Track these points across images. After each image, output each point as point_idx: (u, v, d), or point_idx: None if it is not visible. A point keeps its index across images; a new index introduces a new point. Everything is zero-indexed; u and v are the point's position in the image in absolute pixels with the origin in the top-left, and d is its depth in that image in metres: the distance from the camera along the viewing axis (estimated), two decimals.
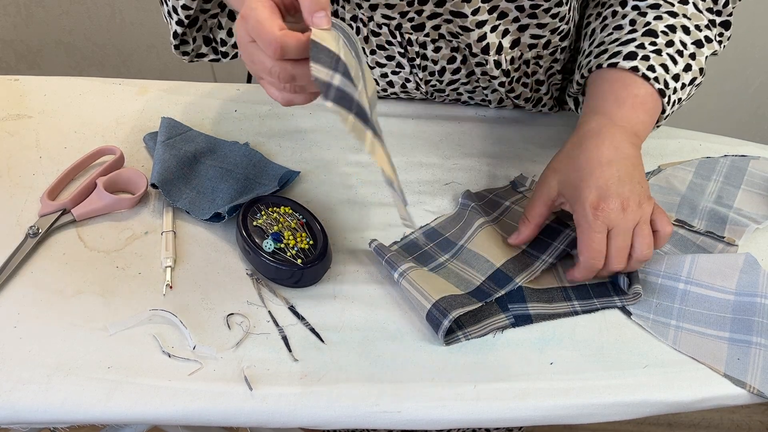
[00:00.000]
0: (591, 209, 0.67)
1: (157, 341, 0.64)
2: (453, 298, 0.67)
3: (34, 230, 0.71)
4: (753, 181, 0.86)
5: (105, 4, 1.53)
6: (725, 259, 0.73)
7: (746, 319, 0.69)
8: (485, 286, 0.71)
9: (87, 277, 0.69)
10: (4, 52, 1.60)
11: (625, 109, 0.72)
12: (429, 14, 0.80)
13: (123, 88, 0.91)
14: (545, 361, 0.66)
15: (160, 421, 0.61)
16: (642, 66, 0.73)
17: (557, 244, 0.74)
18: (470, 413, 0.62)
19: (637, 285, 0.71)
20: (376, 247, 0.72)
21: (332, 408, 0.61)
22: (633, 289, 0.70)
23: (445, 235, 0.77)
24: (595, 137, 0.70)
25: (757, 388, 0.65)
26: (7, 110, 0.86)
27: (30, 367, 0.61)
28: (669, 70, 0.73)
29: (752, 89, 1.82)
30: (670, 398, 0.65)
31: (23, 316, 0.65)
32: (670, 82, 0.73)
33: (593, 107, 0.74)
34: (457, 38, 0.82)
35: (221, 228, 0.75)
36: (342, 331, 0.67)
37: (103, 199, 0.74)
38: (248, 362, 0.63)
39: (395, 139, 0.90)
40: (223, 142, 0.84)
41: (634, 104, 0.72)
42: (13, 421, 0.59)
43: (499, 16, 0.79)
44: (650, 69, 0.73)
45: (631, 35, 0.75)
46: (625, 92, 0.73)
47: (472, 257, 0.74)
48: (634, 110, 0.72)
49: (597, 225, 0.67)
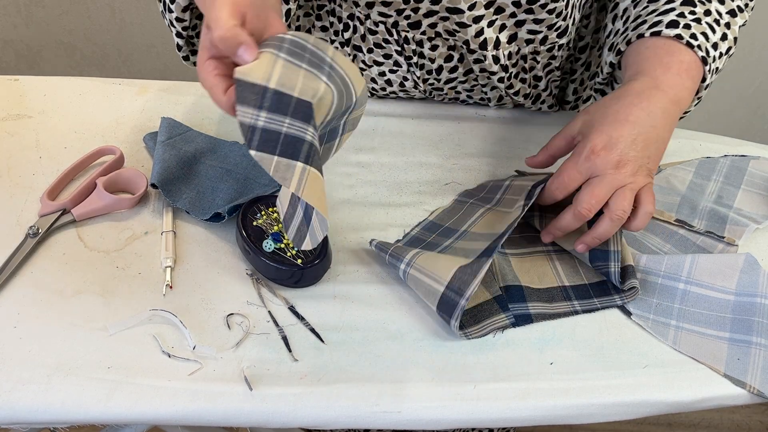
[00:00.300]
0: (589, 150, 0.67)
1: (157, 341, 0.64)
2: (462, 270, 0.65)
3: (34, 230, 0.71)
4: (753, 181, 0.86)
5: (105, 4, 1.53)
6: (725, 259, 0.73)
7: (746, 319, 0.69)
8: (491, 245, 0.69)
9: (87, 277, 0.69)
10: (4, 52, 1.60)
11: (671, 74, 0.72)
12: (425, 12, 0.80)
13: (123, 88, 0.91)
14: (545, 361, 0.66)
15: (160, 421, 0.61)
16: (685, 34, 0.73)
17: (521, 201, 0.72)
18: (470, 413, 0.62)
19: (633, 279, 0.70)
20: (378, 244, 0.72)
21: (332, 408, 0.61)
22: (629, 283, 0.70)
23: (446, 225, 0.77)
24: (634, 95, 0.70)
25: (757, 388, 0.65)
26: (7, 110, 0.86)
27: (30, 367, 0.61)
28: (709, 39, 0.74)
29: (752, 89, 1.82)
30: (670, 398, 0.65)
31: (23, 316, 0.65)
32: (710, 50, 0.74)
33: (638, 70, 0.73)
34: (453, 36, 0.82)
35: (221, 228, 0.75)
36: (342, 331, 0.67)
37: (103, 199, 0.74)
38: (248, 362, 0.63)
39: (395, 139, 0.90)
40: (223, 142, 0.84)
41: (679, 70, 0.72)
42: (13, 421, 0.59)
43: (495, 11, 0.79)
44: (693, 37, 0.73)
45: (669, 5, 0.76)
46: (671, 58, 0.72)
47: (477, 236, 0.74)
48: (680, 76, 0.72)
49: (582, 164, 0.67)
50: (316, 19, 0.88)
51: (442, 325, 0.68)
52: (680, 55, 0.73)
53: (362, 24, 0.84)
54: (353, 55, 0.89)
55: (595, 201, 0.67)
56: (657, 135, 0.69)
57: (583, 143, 0.69)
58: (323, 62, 0.61)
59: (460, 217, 0.78)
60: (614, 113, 0.69)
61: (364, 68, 0.89)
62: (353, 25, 0.85)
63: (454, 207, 0.80)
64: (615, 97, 0.71)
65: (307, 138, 0.57)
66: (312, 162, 0.57)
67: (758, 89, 1.82)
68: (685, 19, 0.74)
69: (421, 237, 0.76)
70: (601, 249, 0.71)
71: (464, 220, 0.77)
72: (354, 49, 0.88)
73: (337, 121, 0.65)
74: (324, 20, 0.87)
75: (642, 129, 0.68)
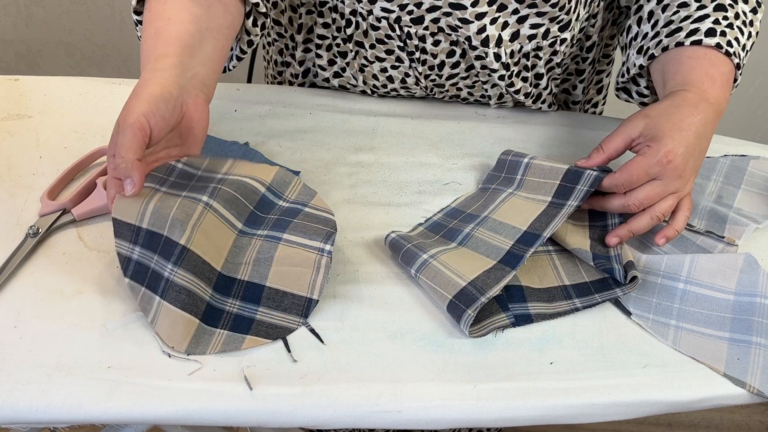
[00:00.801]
0: (664, 153, 0.69)
1: (157, 341, 0.64)
2: (487, 273, 0.68)
3: (34, 230, 0.71)
4: (753, 180, 0.86)
5: (105, 4, 1.53)
6: (725, 259, 0.73)
7: (746, 319, 0.69)
8: (515, 249, 0.71)
9: (87, 277, 0.69)
10: (4, 52, 1.60)
11: (717, 87, 0.74)
12: (428, 7, 0.80)
13: (123, 88, 0.91)
14: (545, 361, 0.66)
15: (160, 421, 0.61)
16: (723, 42, 0.75)
17: (580, 186, 0.73)
18: (470, 413, 0.62)
19: (634, 270, 0.71)
20: (393, 240, 0.73)
21: (332, 408, 0.61)
22: (631, 274, 0.70)
23: (467, 212, 0.78)
24: (692, 107, 0.72)
25: (757, 388, 0.65)
26: (7, 110, 0.86)
27: (30, 367, 0.61)
28: (740, 42, 0.77)
29: (752, 89, 1.82)
30: (670, 398, 0.65)
31: (23, 316, 0.65)
32: (741, 53, 0.77)
33: (686, 81, 0.75)
34: (456, 31, 0.82)
35: None
36: (342, 331, 0.67)
37: (103, 198, 0.74)
38: (248, 362, 0.63)
39: (395, 138, 0.90)
40: (222, 142, 0.84)
41: (722, 83, 0.75)
42: (13, 421, 0.59)
43: (498, 8, 0.80)
44: (729, 44, 0.75)
45: (702, 11, 0.77)
46: (714, 70, 0.75)
47: (498, 225, 0.75)
48: (723, 89, 0.75)
49: (653, 167, 0.69)
50: (318, 16, 0.88)
51: (442, 325, 0.68)
52: (722, 66, 0.75)
53: (365, 20, 0.84)
54: (355, 51, 0.89)
55: (648, 202, 0.71)
56: (704, 147, 0.73)
57: (655, 147, 0.70)
58: (211, 181, 0.70)
59: (483, 203, 0.78)
60: (678, 122, 0.71)
61: (366, 65, 0.90)
62: (355, 21, 0.85)
63: (477, 194, 0.81)
64: (674, 105, 0.72)
65: (164, 274, 0.64)
66: (165, 296, 0.64)
67: (758, 89, 1.82)
68: (720, 25, 0.76)
69: (443, 222, 0.77)
70: (604, 253, 0.72)
71: (486, 206, 0.78)
72: (356, 45, 0.88)
73: (279, 209, 0.73)
74: (326, 17, 0.87)
75: (702, 142, 0.72)
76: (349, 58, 0.90)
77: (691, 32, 0.76)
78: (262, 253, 0.68)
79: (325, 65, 0.92)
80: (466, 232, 0.75)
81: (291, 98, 0.92)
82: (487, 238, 0.73)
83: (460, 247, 0.73)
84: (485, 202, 0.79)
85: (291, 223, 0.70)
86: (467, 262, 0.70)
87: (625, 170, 0.70)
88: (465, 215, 0.78)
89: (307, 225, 0.70)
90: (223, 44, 0.73)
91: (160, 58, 0.68)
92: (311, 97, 0.93)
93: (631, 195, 0.71)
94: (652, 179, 0.71)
